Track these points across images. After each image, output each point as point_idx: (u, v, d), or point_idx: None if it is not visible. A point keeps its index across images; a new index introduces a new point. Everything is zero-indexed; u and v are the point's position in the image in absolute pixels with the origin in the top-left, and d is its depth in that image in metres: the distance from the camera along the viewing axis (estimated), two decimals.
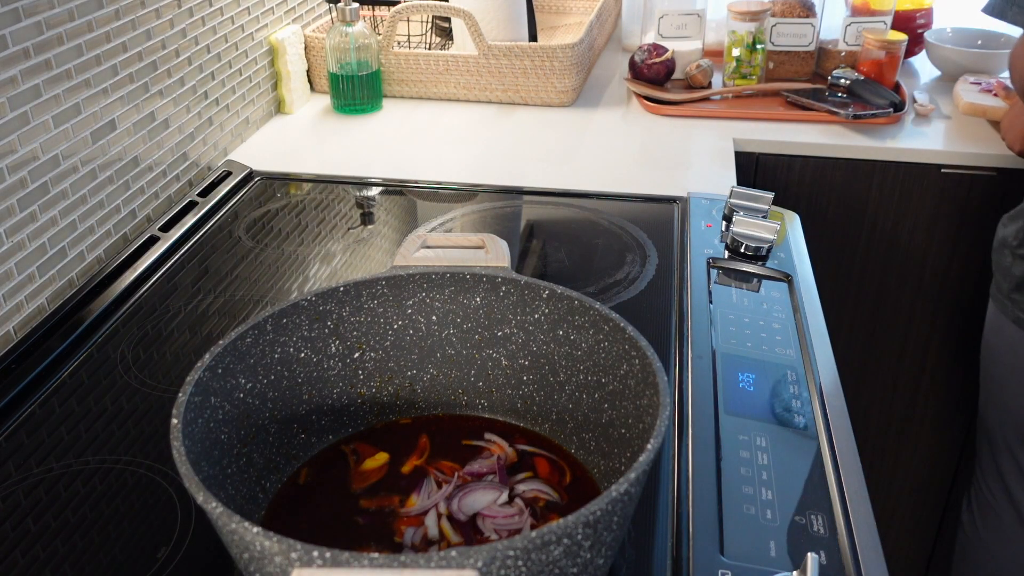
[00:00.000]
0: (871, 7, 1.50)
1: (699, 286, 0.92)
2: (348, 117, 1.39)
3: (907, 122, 1.36)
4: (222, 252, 1.02)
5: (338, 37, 1.35)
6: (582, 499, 0.60)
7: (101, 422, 0.75)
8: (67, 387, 0.79)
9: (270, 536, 0.44)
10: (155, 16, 1.04)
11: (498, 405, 0.69)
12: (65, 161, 0.91)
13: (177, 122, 1.11)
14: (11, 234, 0.84)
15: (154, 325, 0.89)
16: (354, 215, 1.11)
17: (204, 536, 0.63)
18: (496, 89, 1.42)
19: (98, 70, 0.95)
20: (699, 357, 0.80)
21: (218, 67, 1.20)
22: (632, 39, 1.66)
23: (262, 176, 1.20)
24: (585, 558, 0.48)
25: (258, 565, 0.45)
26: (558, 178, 1.18)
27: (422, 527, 0.59)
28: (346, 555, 0.42)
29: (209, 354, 0.58)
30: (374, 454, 0.65)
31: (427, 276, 0.67)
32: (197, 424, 0.55)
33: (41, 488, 0.68)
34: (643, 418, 0.57)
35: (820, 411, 0.74)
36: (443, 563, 0.42)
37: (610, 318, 0.61)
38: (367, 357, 0.68)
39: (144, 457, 0.71)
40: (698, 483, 0.65)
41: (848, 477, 0.67)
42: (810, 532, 0.61)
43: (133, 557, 0.62)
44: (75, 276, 0.94)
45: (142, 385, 0.80)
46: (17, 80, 0.83)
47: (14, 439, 0.73)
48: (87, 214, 0.95)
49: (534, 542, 0.44)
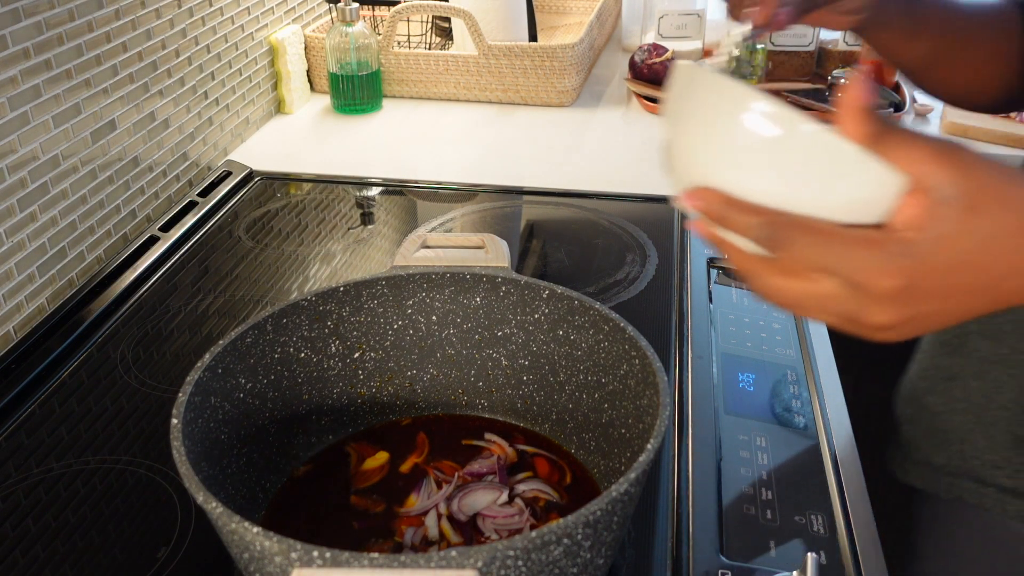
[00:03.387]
0: None
1: (699, 286, 0.92)
2: (348, 117, 1.39)
3: (907, 122, 1.36)
4: (222, 252, 1.02)
5: (338, 37, 1.35)
6: (582, 499, 0.60)
7: (101, 422, 0.75)
8: (67, 387, 0.79)
9: (270, 536, 0.44)
10: (155, 16, 1.04)
11: (498, 405, 0.69)
12: (65, 161, 0.91)
13: (177, 122, 1.11)
14: (11, 234, 0.84)
15: (154, 325, 0.89)
16: (354, 215, 1.11)
17: (204, 536, 0.63)
18: (496, 89, 1.42)
19: (98, 70, 0.95)
20: (699, 357, 0.80)
21: (218, 67, 1.20)
22: (632, 39, 1.66)
23: (262, 176, 1.20)
24: (585, 558, 0.48)
25: (258, 565, 0.46)
26: (558, 178, 1.18)
27: (422, 527, 0.59)
28: (346, 555, 0.42)
29: (209, 354, 0.58)
30: (374, 454, 0.65)
31: (427, 276, 0.67)
32: (197, 424, 0.55)
33: (41, 488, 0.68)
34: (643, 418, 0.57)
35: (820, 411, 0.74)
36: (443, 563, 0.42)
37: (610, 318, 0.61)
38: (367, 357, 0.68)
39: (144, 457, 0.71)
40: (698, 483, 0.65)
41: (848, 477, 0.67)
42: (810, 532, 0.61)
43: (133, 557, 0.62)
44: (75, 276, 0.94)
45: (142, 385, 0.80)
46: (17, 80, 0.83)
47: (14, 439, 0.73)
48: (87, 214, 0.95)
49: (534, 542, 0.44)
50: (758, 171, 0.36)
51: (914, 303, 0.40)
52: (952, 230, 0.38)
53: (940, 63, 0.73)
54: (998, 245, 0.38)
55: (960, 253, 0.38)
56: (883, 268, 0.39)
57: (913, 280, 0.39)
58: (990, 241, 0.38)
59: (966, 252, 0.38)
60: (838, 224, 0.39)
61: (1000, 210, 0.38)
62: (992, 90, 0.75)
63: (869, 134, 0.37)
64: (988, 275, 0.39)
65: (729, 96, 0.34)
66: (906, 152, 0.38)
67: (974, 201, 0.38)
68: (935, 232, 0.38)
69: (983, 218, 0.38)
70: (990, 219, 0.38)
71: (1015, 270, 0.39)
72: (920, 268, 0.39)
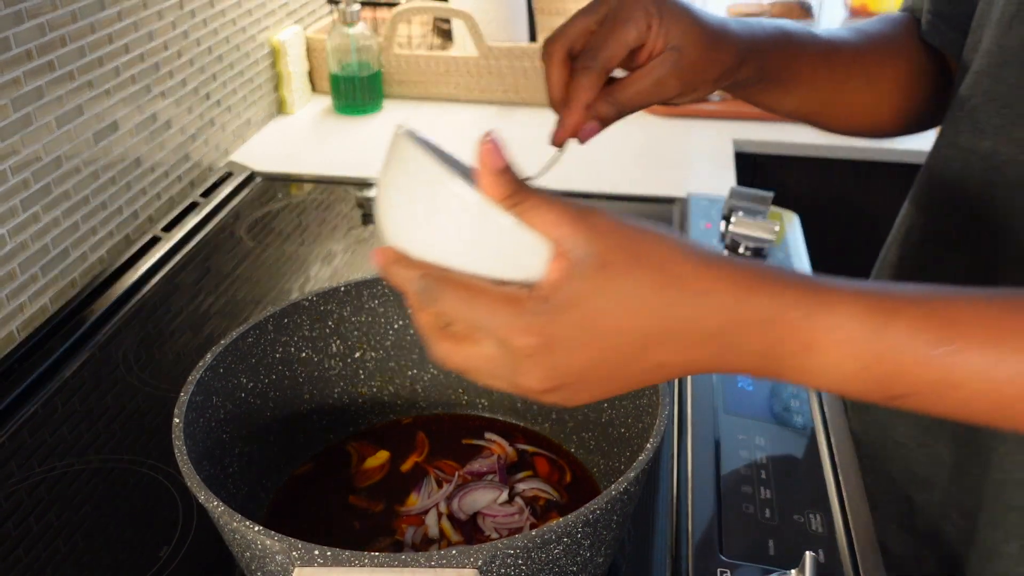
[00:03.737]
0: (869, 8, 1.50)
1: None
2: (349, 118, 1.40)
3: None
4: (223, 252, 1.03)
5: (339, 38, 1.36)
6: (582, 498, 0.60)
7: (103, 421, 0.75)
8: (70, 387, 0.80)
9: (271, 535, 0.44)
10: (157, 18, 1.04)
11: (498, 404, 0.70)
12: (68, 162, 0.91)
13: (179, 123, 1.12)
14: (14, 235, 0.84)
15: (156, 325, 0.89)
16: (355, 215, 1.12)
17: (206, 535, 0.63)
18: (496, 90, 1.42)
19: (100, 72, 0.95)
20: None
21: (220, 68, 1.21)
22: None
23: (263, 177, 1.20)
24: (585, 556, 0.48)
25: (260, 564, 0.46)
26: (558, 178, 1.18)
27: (423, 526, 0.59)
28: (347, 554, 0.43)
29: (211, 354, 0.58)
30: (375, 453, 0.66)
31: None
32: (199, 423, 0.55)
33: (44, 487, 0.68)
34: (643, 418, 0.57)
35: (819, 410, 0.74)
36: (443, 562, 0.43)
37: None
38: (368, 357, 0.68)
39: (146, 456, 0.71)
40: (697, 482, 0.66)
41: (846, 476, 0.67)
42: (808, 531, 0.61)
43: (135, 556, 0.62)
44: (77, 276, 0.94)
45: (144, 385, 0.80)
46: (20, 81, 0.83)
47: (17, 438, 0.73)
48: (89, 215, 0.95)
49: (534, 541, 0.44)
50: (431, 234, 0.39)
51: (556, 363, 0.39)
52: (584, 288, 0.38)
53: (834, 104, 0.66)
54: (634, 304, 0.38)
55: (593, 311, 0.38)
56: (520, 326, 0.39)
57: (548, 338, 0.39)
58: (625, 299, 0.38)
59: (599, 311, 0.38)
60: (493, 282, 0.40)
61: (633, 267, 0.38)
62: (900, 116, 0.69)
63: (507, 197, 0.38)
64: (630, 337, 0.39)
65: (415, 169, 0.37)
66: (543, 216, 0.38)
67: (606, 260, 0.38)
68: (568, 291, 0.38)
69: (615, 275, 0.38)
70: (622, 277, 0.38)
71: (659, 334, 0.39)
72: (551, 326, 0.38)
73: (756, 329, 0.39)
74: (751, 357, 0.39)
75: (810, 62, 0.63)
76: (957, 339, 0.38)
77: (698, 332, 0.39)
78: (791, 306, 0.38)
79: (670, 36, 0.53)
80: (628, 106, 0.56)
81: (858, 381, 0.39)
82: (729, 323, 0.38)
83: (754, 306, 0.38)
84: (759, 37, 0.59)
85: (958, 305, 0.39)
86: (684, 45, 0.54)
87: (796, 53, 0.62)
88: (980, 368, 0.37)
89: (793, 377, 0.40)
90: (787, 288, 0.39)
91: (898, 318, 0.38)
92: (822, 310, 0.38)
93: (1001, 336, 0.37)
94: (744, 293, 0.38)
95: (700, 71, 0.55)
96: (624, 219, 0.40)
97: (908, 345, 0.38)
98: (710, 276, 0.38)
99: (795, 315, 0.38)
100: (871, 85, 0.67)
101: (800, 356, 0.39)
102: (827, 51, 0.64)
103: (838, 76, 0.65)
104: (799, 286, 0.39)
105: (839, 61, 0.65)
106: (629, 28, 0.53)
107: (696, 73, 0.55)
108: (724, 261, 0.39)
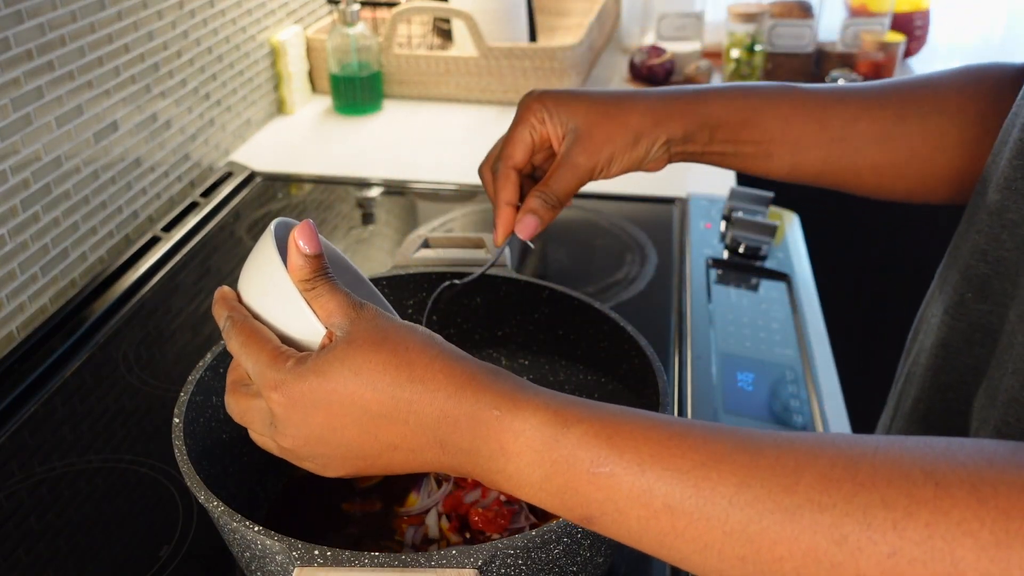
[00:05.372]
0: (869, 9, 1.51)
1: (698, 286, 0.92)
2: (349, 118, 1.40)
3: None
4: (224, 252, 1.03)
5: (339, 38, 1.36)
6: None
7: (103, 421, 0.75)
8: (70, 387, 0.80)
9: (271, 535, 0.44)
10: (157, 17, 1.04)
11: None
12: (67, 162, 0.91)
13: (179, 123, 1.12)
14: (14, 235, 0.84)
15: (156, 325, 0.89)
16: (355, 215, 1.12)
17: (206, 535, 0.64)
18: (496, 90, 1.42)
19: (100, 71, 0.95)
20: (699, 357, 0.81)
21: (220, 68, 1.21)
22: (631, 40, 1.67)
23: (263, 177, 1.21)
24: (585, 556, 0.48)
25: (260, 564, 0.46)
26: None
27: (422, 526, 0.59)
28: (347, 554, 0.43)
29: (211, 353, 0.58)
30: None
31: (427, 276, 0.67)
32: (199, 423, 0.55)
33: (44, 487, 0.68)
34: None
35: (819, 411, 0.74)
36: (443, 562, 0.43)
37: (610, 318, 0.62)
38: None
39: (146, 456, 0.71)
40: None
41: None
42: None
43: (135, 555, 0.62)
44: (77, 276, 0.94)
45: (144, 384, 0.80)
46: (20, 81, 0.83)
47: (17, 438, 0.73)
48: (89, 215, 0.95)
49: (534, 541, 0.44)
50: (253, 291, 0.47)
51: (299, 423, 0.42)
52: (331, 359, 0.41)
53: (879, 171, 0.61)
54: (369, 377, 0.41)
55: (333, 379, 0.41)
56: (274, 380, 0.42)
57: (292, 398, 0.42)
58: (361, 371, 0.41)
59: (338, 379, 0.41)
60: (283, 337, 0.45)
61: (376, 347, 0.41)
62: (945, 180, 0.62)
63: (305, 281, 0.44)
64: (361, 409, 0.41)
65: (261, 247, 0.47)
66: (326, 304, 0.44)
67: (355, 338, 0.42)
68: (319, 360, 0.42)
69: (358, 351, 0.41)
70: (364, 353, 0.41)
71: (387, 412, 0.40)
72: (297, 385, 0.41)
73: (464, 425, 0.40)
74: (462, 456, 0.40)
75: (811, 118, 0.60)
76: (615, 459, 0.36)
77: (416, 419, 0.40)
78: (490, 406, 0.39)
79: (565, 121, 0.58)
80: (558, 194, 0.59)
81: (545, 493, 0.38)
82: (443, 416, 0.40)
83: (459, 401, 0.40)
84: (713, 99, 0.59)
85: (630, 425, 0.37)
86: (579, 123, 0.58)
87: (787, 114, 0.60)
88: (635, 494, 0.35)
89: (497, 481, 0.40)
90: (489, 389, 0.40)
91: (571, 430, 0.38)
92: (511, 414, 0.39)
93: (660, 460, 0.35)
94: (455, 388, 0.40)
95: (605, 140, 0.59)
96: (390, 317, 0.43)
97: (577, 459, 0.37)
98: (434, 368, 0.40)
99: (491, 416, 0.39)
100: (924, 144, 0.59)
101: (498, 459, 0.39)
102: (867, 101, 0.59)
103: (876, 129, 0.59)
104: (501, 389, 0.40)
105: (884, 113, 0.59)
106: (523, 128, 0.59)
107: (603, 143, 0.59)
108: (454, 359, 0.41)
